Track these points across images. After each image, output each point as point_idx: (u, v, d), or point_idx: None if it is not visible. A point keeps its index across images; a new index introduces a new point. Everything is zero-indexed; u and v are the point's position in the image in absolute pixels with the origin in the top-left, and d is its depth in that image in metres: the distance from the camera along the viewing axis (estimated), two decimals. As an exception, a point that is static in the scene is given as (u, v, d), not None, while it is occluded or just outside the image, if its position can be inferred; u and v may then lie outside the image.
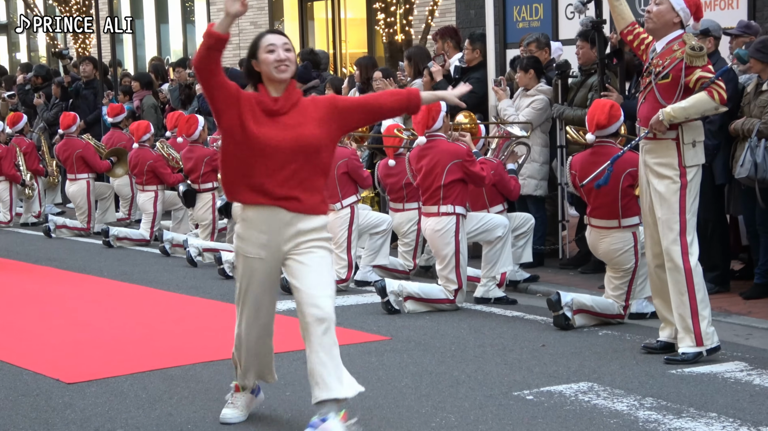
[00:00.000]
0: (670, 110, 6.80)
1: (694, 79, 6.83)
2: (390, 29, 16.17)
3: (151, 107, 15.69)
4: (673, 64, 6.86)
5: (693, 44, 6.83)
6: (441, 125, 8.83)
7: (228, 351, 6.15)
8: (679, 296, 6.97)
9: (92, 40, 21.80)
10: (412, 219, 10.12)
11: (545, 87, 10.55)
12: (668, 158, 6.94)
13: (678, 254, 6.94)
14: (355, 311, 9.00)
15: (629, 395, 6.35)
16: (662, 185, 6.95)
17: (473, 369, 7.03)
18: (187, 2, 24.18)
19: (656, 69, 6.94)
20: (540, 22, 14.77)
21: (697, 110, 6.84)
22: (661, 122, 6.83)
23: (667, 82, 6.89)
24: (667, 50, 6.92)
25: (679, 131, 6.91)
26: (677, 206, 6.93)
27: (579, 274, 10.10)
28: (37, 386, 6.85)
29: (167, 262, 11.89)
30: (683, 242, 6.93)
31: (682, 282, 6.94)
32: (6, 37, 31.91)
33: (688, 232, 6.95)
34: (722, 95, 6.81)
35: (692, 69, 6.82)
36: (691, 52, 6.80)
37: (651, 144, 7.01)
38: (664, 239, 6.96)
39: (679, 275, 6.95)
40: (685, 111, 6.80)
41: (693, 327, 6.96)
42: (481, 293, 9.17)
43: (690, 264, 6.94)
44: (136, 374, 7.05)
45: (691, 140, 6.94)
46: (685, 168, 6.93)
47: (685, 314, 6.96)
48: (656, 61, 6.95)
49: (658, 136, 6.93)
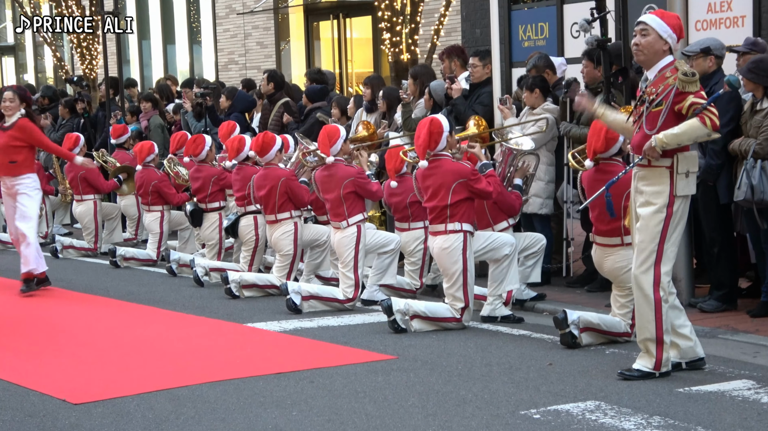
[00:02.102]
0: (662, 136, 6.79)
1: (687, 105, 6.81)
2: (396, 49, 16.21)
3: (157, 127, 15.73)
4: (666, 91, 6.86)
5: (686, 70, 6.84)
6: (444, 145, 8.83)
7: (234, 370, 6.15)
8: (646, 324, 7.01)
9: (99, 61, 21.88)
10: (419, 238, 10.12)
11: (551, 106, 10.55)
12: (660, 185, 6.94)
13: (649, 285, 6.95)
14: (362, 331, 8.99)
15: (637, 413, 6.33)
16: (646, 211, 6.95)
17: (480, 388, 7.02)
18: (193, 23, 24.28)
19: (650, 97, 6.94)
20: (545, 41, 14.83)
21: (689, 137, 6.83)
22: (653, 148, 6.82)
23: (661, 109, 6.89)
24: (660, 78, 6.92)
25: (674, 160, 6.90)
26: (658, 235, 6.92)
27: (586, 292, 10.09)
28: (43, 406, 6.85)
29: (174, 282, 11.90)
30: (657, 272, 6.94)
31: (650, 313, 6.98)
32: (14, 59, 32.06)
33: (664, 263, 6.96)
34: (714, 122, 6.79)
35: (685, 95, 6.82)
36: (683, 77, 6.81)
37: (644, 171, 7.00)
38: (635, 265, 6.98)
39: (647, 306, 6.98)
40: (677, 137, 6.80)
41: (656, 354, 7.04)
42: (487, 311, 9.16)
43: (659, 295, 6.96)
44: (143, 394, 7.05)
45: (685, 169, 6.93)
46: (675, 198, 6.93)
47: (650, 341, 7.03)
48: (649, 89, 6.96)
49: (653, 163, 6.93)
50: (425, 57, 16.49)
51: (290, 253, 10.60)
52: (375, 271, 10.19)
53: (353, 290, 9.85)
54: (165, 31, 25.19)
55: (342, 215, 9.82)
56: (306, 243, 10.85)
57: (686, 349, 7.23)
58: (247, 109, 14.89)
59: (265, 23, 21.97)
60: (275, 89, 14.07)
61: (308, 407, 6.63)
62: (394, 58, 16.24)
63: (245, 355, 8.22)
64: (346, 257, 9.81)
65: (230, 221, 11.41)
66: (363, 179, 9.89)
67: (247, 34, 22.40)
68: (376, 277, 10.16)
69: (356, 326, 9.21)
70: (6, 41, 32.54)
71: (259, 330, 9.15)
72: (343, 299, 9.86)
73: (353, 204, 9.84)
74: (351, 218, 9.82)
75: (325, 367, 7.66)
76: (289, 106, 13.77)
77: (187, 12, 24.33)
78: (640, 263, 6.96)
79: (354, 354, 8.10)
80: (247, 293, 10.70)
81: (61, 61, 24.76)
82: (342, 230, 9.83)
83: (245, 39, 22.45)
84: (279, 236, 10.60)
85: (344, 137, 9.97)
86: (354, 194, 9.83)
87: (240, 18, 22.39)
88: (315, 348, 8.37)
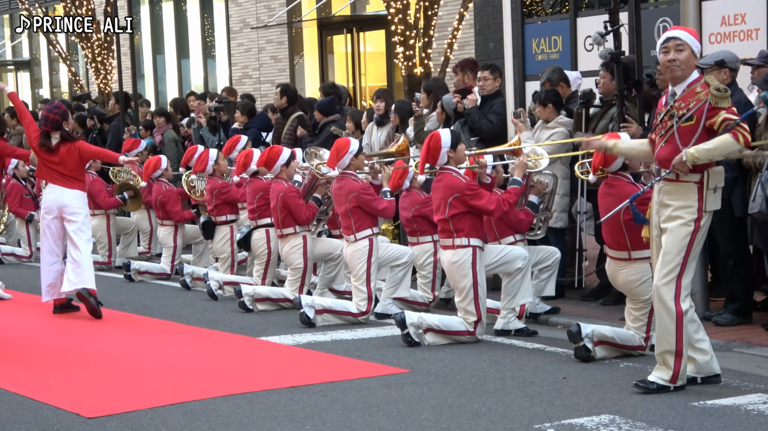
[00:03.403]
0: (694, 151, 6.78)
1: (719, 121, 6.80)
2: (409, 62, 16.22)
3: (171, 141, 15.77)
4: (697, 105, 6.85)
5: (718, 86, 6.84)
6: (445, 160, 8.84)
7: (248, 384, 6.14)
8: (666, 336, 6.98)
9: (113, 75, 21.95)
10: (428, 251, 10.11)
11: (565, 119, 10.55)
12: (688, 200, 6.92)
13: (671, 298, 6.93)
14: (375, 344, 8.98)
15: (651, 427, 6.30)
16: (673, 225, 6.93)
17: (494, 401, 7.00)
18: (207, 37, 24.35)
19: (679, 112, 6.92)
20: (559, 55, 14.84)
21: (721, 152, 6.82)
22: (684, 162, 6.80)
23: (691, 124, 6.88)
24: (689, 93, 6.91)
25: (704, 176, 6.89)
26: (684, 248, 6.91)
27: (600, 306, 10.06)
28: (57, 421, 6.86)
29: (188, 295, 11.91)
30: (678, 284, 6.93)
31: (671, 326, 6.95)
32: (29, 74, 32.20)
33: (685, 275, 6.95)
34: (747, 138, 6.79)
35: (716, 110, 6.81)
36: (716, 93, 6.80)
37: (670, 186, 6.98)
38: (657, 277, 6.95)
39: (669, 318, 6.94)
40: (709, 153, 6.79)
41: (674, 367, 7.01)
42: (501, 325, 9.15)
43: (681, 308, 6.94)
44: (156, 408, 7.05)
45: (714, 185, 6.93)
46: (703, 213, 6.92)
47: (669, 354, 6.99)
48: (678, 104, 6.94)
49: (681, 178, 6.91)
50: (438, 71, 16.50)
51: (300, 266, 10.60)
52: (388, 284, 10.18)
53: (366, 303, 9.84)
54: (179, 46, 25.29)
55: (350, 228, 9.84)
56: (319, 257, 10.86)
57: (703, 364, 7.19)
58: (266, 129, 14.91)
59: (278, 37, 22.03)
60: (288, 103, 14.10)
61: (322, 421, 6.62)
62: (407, 71, 16.25)
63: (259, 369, 8.22)
64: (358, 270, 9.81)
65: (243, 235, 11.43)
66: (368, 194, 9.85)
67: (261, 48, 22.46)
68: (389, 290, 10.16)
69: (370, 339, 9.20)
70: (21, 56, 32.69)
71: (273, 344, 9.15)
72: (356, 312, 9.86)
73: (360, 219, 9.83)
74: (359, 233, 9.81)
75: (338, 381, 7.65)
76: (302, 120, 13.79)
77: (201, 26, 24.42)
78: (664, 275, 6.93)
79: (367, 367, 8.09)
80: (260, 307, 10.71)
81: (75, 75, 24.85)
82: (353, 244, 9.83)
83: (259, 53, 22.51)
84: (289, 249, 10.61)
85: (354, 151, 9.96)
86: (360, 209, 9.82)
87: (254, 32, 22.46)
88: (328, 362, 8.37)
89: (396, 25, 16.18)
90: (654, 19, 12.98)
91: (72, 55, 26.74)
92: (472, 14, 16.93)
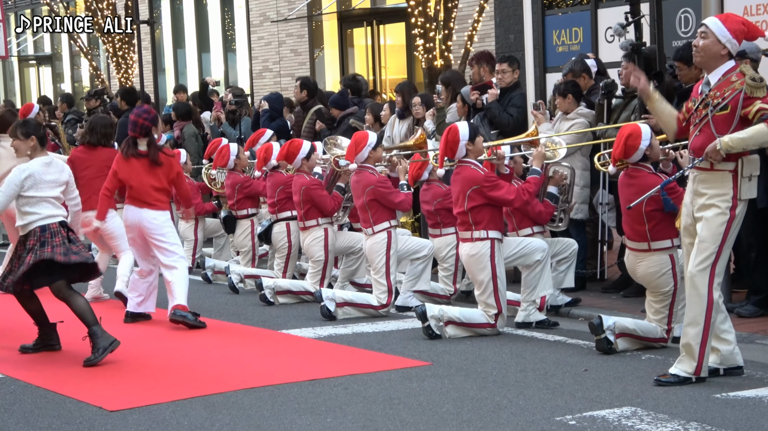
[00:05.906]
0: (728, 139, 6.75)
1: (754, 110, 6.77)
2: (429, 55, 16.21)
3: (192, 136, 15.78)
4: (732, 95, 6.81)
5: (753, 75, 6.81)
6: (464, 153, 8.82)
7: (269, 377, 6.15)
8: (694, 326, 6.94)
9: (134, 70, 22.02)
10: (450, 244, 10.11)
11: (585, 110, 10.51)
12: (723, 189, 6.89)
13: (705, 284, 6.89)
14: (396, 337, 8.98)
15: (673, 419, 6.28)
16: (709, 214, 6.90)
17: (515, 394, 6.99)
18: (228, 31, 24.39)
19: (714, 101, 6.88)
20: (580, 46, 14.76)
21: (756, 141, 6.79)
22: (718, 151, 6.77)
23: (726, 113, 6.85)
24: (725, 82, 6.88)
25: (739, 164, 6.86)
26: (720, 236, 6.88)
27: (621, 298, 10.03)
28: (80, 414, 6.89)
29: (209, 289, 11.94)
30: (713, 272, 6.90)
31: (701, 314, 6.90)
32: (51, 68, 32.34)
33: (719, 263, 6.92)
34: None
35: (752, 100, 6.78)
36: (752, 83, 6.77)
37: (705, 174, 6.94)
38: (692, 263, 6.92)
39: (701, 304, 6.90)
40: (743, 142, 6.76)
41: (698, 358, 6.97)
42: (522, 317, 9.13)
43: (714, 296, 6.91)
44: (178, 401, 7.07)
45: (749, 173, 6.89)
46: (738, 201, 6.89)
47: (695, 344, 6.95)
48: (713, 93, 6.90)
49: (715, 166, 6.88)
50: (458, 63, 16.48)
51: (321, 259, 10.61)
52: (408, 277, 10.18)
53: (387, 296, 9.84)
54: (200, 40, 25.33)
55: (368, 221, 9.85)
56: (340, 250, 10.86)
57: (726, 354, 7.16)
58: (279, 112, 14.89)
59: (299, 31, 22.04)
60: (308, 96, 14.11)
61: (342, 413, 6.63)
62: (427, 64, 16.24)
63: (280, 362, 8.23)
64: (378, 263, 9.81)
65: (263, 228, 11.45)
66: (384, 188, 9.85)
67: (281, 41, 22.48)
68: (409, 283, 10.16)
69: (390, 332, 9.21)
70: (43, 51, 32.83)
71: (294, 337, 9.16)
72: (377, 305, 9.86)
73: (378, 212, 9.83)
74: (376, 226, 9.81)
75: (359, 374, 7.66)
76: (321, 114, 13.80)
77: (222, 20, 24.45)
78: (699, 262, 6.89)
79: (388, 360, 8.09)
80: (281, 300, 10.73)
81: (97, 70, 24.94)
82: (371, 237, 9.84)
83: (279, 47, 22.52)
84: (310, 242, 10.62)
85: (372, 144, 9.95)
86: (376, 202, 9.82)
87: (274, 26, 22.47)
88: (349, 355, 8.38)
89: (416, 18, 16.17)
90: (675, 9, 12.88)
91: (93, 49, 26.82)
92: (492, 6, 16.89)
